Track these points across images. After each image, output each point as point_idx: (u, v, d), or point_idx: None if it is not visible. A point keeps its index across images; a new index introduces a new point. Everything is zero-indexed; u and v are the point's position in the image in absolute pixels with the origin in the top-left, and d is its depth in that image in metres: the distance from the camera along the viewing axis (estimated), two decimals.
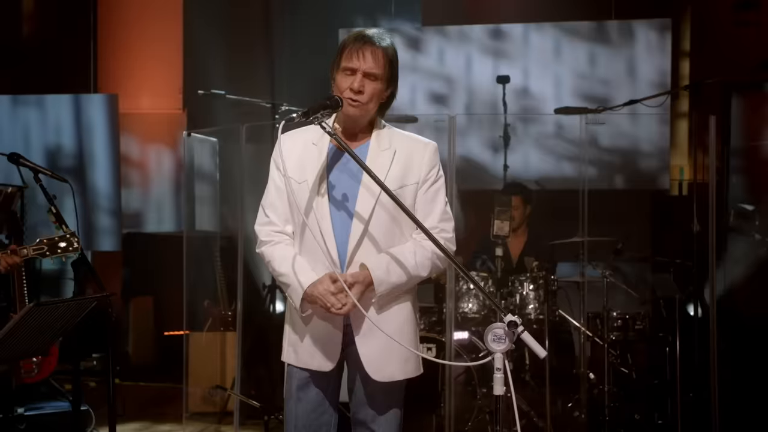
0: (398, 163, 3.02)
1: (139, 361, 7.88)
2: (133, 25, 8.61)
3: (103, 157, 8.12)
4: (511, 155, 7.05)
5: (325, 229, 2.94)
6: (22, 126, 8.27)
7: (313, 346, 3.01)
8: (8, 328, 3.38)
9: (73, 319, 3.72)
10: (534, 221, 6.42)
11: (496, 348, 2.73)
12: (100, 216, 8.18)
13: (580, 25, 7.60)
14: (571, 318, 5.80)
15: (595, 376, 5.83)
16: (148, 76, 8.61)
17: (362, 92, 2.94)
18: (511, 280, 5.68)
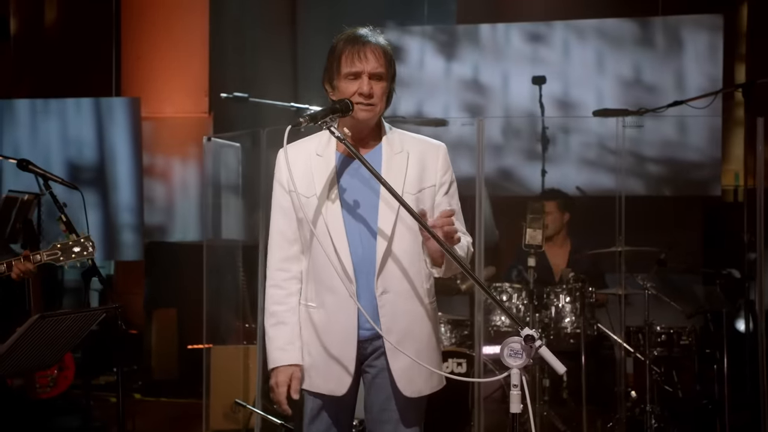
0: (414, 166, 3.03)
1: (161, 376, 7.93)
2: (159, 27, 8.72)
3: (125, 163, 8.24)
4: (550, 160, 7.01)
5: (339, 243, 2.95)
6: (43, 131, 8.42)
7: (327, 369, 3.01)
8: (12, 341, 3.43)
9: (81, 331, 3.77)
10: (577, 230, 6.39)
11: (513, 363, 2.70)
12: (121, 225, 8.29)
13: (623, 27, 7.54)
14: (611, 332, 5.75)
15: (637, 395, 5.77)
16: (173, 80, 8.71)
17: (372, 95, 2.95)
18: (547, 292, 5.64)
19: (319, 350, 3.03)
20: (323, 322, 3.02)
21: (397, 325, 2.96)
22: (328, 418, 3.06)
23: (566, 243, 6.26)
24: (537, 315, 5.47)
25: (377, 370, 3.03)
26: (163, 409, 7.31)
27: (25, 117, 8.45)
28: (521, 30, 7.79)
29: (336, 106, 2.92)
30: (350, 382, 3.00)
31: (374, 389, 3.06)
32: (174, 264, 7.90)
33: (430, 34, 8.03)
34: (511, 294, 5.63)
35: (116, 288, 9.09)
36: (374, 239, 2.97)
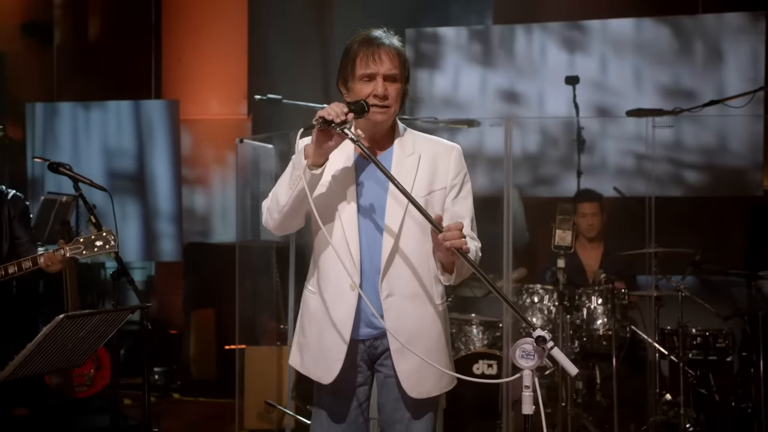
0: (424, 168, 3.04)
1: (199, 376, 8.02)
2: (198, 30, 8.83)
3: (164, 165, 8.36)
4: (585, 162, 6.97)
5: (351, 241, 2.98)
6: (85, 133, 8.58)
7: (317, 355, 3.05)
8: (38, 340, 3.51)
9: (108, 331, 3.83)
10: (613, 231, 6.35)
11: (525, 365, 2.71)
12: (160, 226, 8.41)
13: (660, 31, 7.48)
14: (645, 334, 5.70)
15: (672, 398, 5.72)
16: (213, 82, 8.81)
17: (387, 96, 2.97)
18: (578, 293, 5.62)
19: (312, 335, 3.07)
20: (319, 309, 3.04)
21: (403, 327, 2.97)
22: (347, 406, 3.09)
23: (600, 245, 6.22)
24: (568, 317, 5.45)
25: (387, 370, 3.06)
26: (200, 408, 7.40)
27: (68, 120, 8.62)
28: (557, 36, 7.75)
29: (352, 108, 2.94)
30: (337, 372, 3.01)
31: (385, 389, 3.08)
32: (212, 265, 7.98)
33: (464, 36, 8.03)
34: (543, 295, 5.62)
35: (156, 288, 9.23)
36: (380, 240, 2.99)
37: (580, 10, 7.78)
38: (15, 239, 4.23)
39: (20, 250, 4.18)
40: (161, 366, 8.39)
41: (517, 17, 7.97)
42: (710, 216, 6.90)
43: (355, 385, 3.08)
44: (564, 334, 5.42)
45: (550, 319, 5.57)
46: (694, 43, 7.47)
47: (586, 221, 6.10)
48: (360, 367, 3.07)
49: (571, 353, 5.48)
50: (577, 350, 5.63)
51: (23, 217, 4.29)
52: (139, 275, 9.50)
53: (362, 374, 3.09)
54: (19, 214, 4.27)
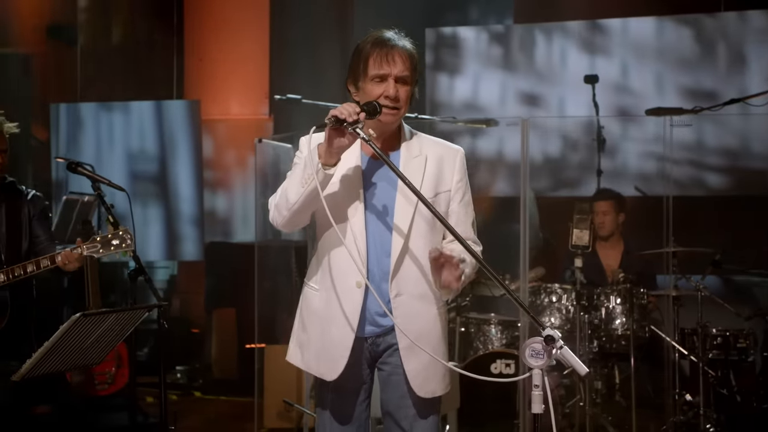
0: (430, 170, 3.06)
1: (221, 375, 8.08)
2: (221, 30, 8.88)
3: (185, 165, 8.42)
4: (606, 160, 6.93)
5: (359, 238, 2.99)
6: (107, 133, 8.66)
7: (320, 352, 3.06)
8: (54, 339, 3.54)
9: (125, 329, 3.86)
10: (633, 231, 6.33)
11: (534, 364, 2.71)
12: (182, 225, 8.47)
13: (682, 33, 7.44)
14: (664, 334, 5.68)
15: (692, 398, 5.68)
16: (235, 82, 8.86)
17: (398, 98, 2.99)
18: (597, 293, 5.60)
19: (315, 332, 3.07)
20: (324, 306, 3.05)
21: (411, 327, 2.98)
22: (351, 403, 3.10)
23: (619, 244, 6.20)
24: (587, 316, 5.43)
25: (392, 367, 3.07)
26: (221, 407, 7.44)
27: (91, 120, 8.69)
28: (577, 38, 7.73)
29: (364, 108, 2.95)
30: (341, 369, 3.02)
31: (390, 387, 3.09)
32: (233, 265, 8.03)
33: (486, 29, 8.02)
34: (561, 295, 5.61)
35: (179, 288, 9.29)
36: (390, 240, 3.01)
37: (600, 9, 7.74)
38: (34, 237, 4.27)
39: (39, 248, 4.22)
40: (183, 365, 8.45)
41: (538, 16, 7.94)
42: (731, 215, 6.84)
43: (357, 382, 3.09)
44: (582, 333, 5.40)
45: (568, 318, 5.56)
46: (717, 44, 7.41)
47: (597, 219, 6.09)
48: (362, 364, 3.09)
49: (590, 353, 5.46)
50: (596, 350, 5.62)
51: (42, 216, 4.33)
52: (162, 274, 9.58)
53: (364, 372, 3.11)
54: (39, 214, 4.31)
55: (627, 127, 7.32)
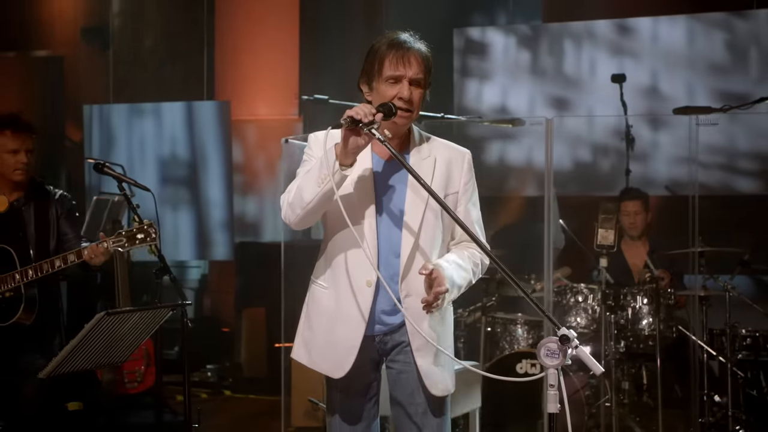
0: (440, 172, 3.08)
1: (250, 374, 8.13)
2: (251, 31, 8.94)
3: (216, 165, 8.49)
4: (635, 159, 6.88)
5: (370, 237, 3.00)
6: (139, 134, 8.76)
7: (327, 349, 3.08)
8: (79, 337, 3.60)
9: (149, 328, 3.91)
10: (662, 230, 6.28)
11: (549, 363, 2.71)
12: (212, 225, 8.54)
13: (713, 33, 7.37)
14: (692, 335, 5.63)
15: (721, 399, 5.63)
16: (265, 83, 8.91)
17: (412, 101, 3.00)
18: (623, 293, 5.57)
19: (322, 329, 3.09)
20: (332, 304, 3.07)
21: (422, 326, 3.00)
22: (359, 402, 3.12)
23: (645, 244, 6.16)
24: (613, 316, 5.40)
25: (401, 365, 3.09)
26: (251, 406, 7.49)
27: (124, 121, 8.79)
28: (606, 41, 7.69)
29: (380, 109, 2.96)
30: (350, 367, 3.03)
31: (399, 385, 3.11)
32: (263, 264, 8.06)
33: (514, 31, 8.01)
34: (587, 295, 5.59)
35: (210, 287, 9.36)
36: (400, 238, 3.03)
37: (629, 8, 7.70)
38: (62, 236, 4.34)
39: (66, 246, 4.29)
40: (213, 363, 8.52)
41: (567, 15, 7.91)
42: (760, 215, 6.77)
43: (365, 381, 3.12)
44: (608, 333, 5.38)
45: (594, 318, 5.54)
46: (749, 47, 7.33)
47: (628, 219, 6.06)
48: (370, 363, 3.11)
49: (616, 353, 5.43)
50: (622, 350, 5.59)
51: (70, 215, 4.40)
52: (194, 274, 9.66)
53: (372, 371, 3.13)
54: (66, 213, 4.38)
55: (656, 127, 7.27)
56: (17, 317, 4.10)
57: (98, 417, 6.10)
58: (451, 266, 3.00)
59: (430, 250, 3.05)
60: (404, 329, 3.05)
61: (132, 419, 6.05)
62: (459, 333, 5.92)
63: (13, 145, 4.23)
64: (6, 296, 4.11)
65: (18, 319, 4.10)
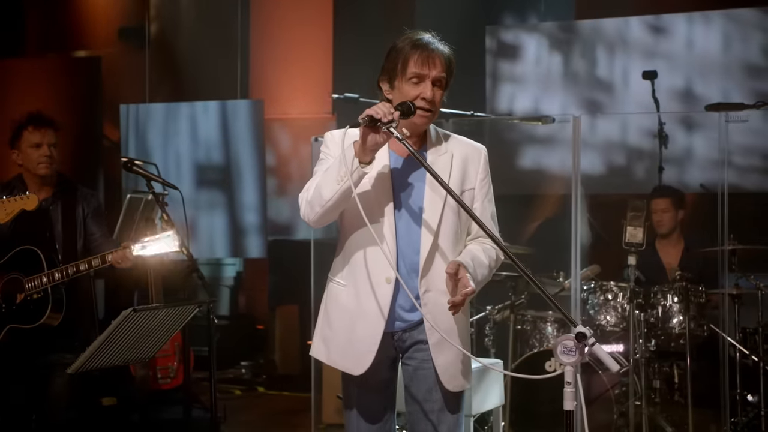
0: (456, 168, 3.10)
1: (284, 370, 8.19)
2: (284, 30, 8.99)
3: (249, 164, 8.55)
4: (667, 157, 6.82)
5: (388, 234, 3.02)
6: (174, 134, 8.85)
7: (347, 347, 3.09)
8: (106, 334, 3.65)
9: (176, 324, 3.96)
10: (696, 228, 6.23)
11: (566, 361, 2.71)
12: (246, 223, 8.60)
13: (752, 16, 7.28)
14: (724, 333, 5.57)
15: (753, 398, 5.57)
16: (298, 81, 8.96)
17: (434, 101, 3.02)
18: (654, 291, 5.53)
19: (342, 327, 3.10)
20: (351, 302, 3.08)
21: (440, 322, 3.01)
22: (377, 397, 3.14)
23: (679, 242, 6.11)
24: (642, 315, 5.36)
25: (419, 362, 3.10)
26: (283, 402, 7.54)
27: (159, 120, 8.88)
28: (642, 22, 7.62)
29: (399, 108, 2.98)
30: (369, 364, 3.05)
31: (416, 381, 3.12)
32: (295, 262, 8.11)
33: (547, 30, 7.97)
34: (617, 293, 5.55)
35: (245, 285, 9.44)
36: (419, 236, 3.04)
37: (664, 5, 7.63)
38: (89, 235, 4.40)
39: (93, 246, 4.35)
40: (248, 360, 8.59)
41: (600, 12, 7.85)
42: None
43: (382, 377, 3.13)
44: (638, 332, 5.34)
45: (624, 317, 5.50)
46: None
47: (656, 217, 6.02)
48: (387, 360, 3.13)
49: (646, 351, 5.40)
50: (653, 349, 5.55)
51: (96, 214, 4.46)
52: (230, 271, 9.76)
53: (389, 367, 3.15)
54: (93, 212, 4.44)
55: (690, 126, 7.21)
56: (45, 318, 4.15)
57: (131, 412, 6.18)
58: (474, 264, 3.01)
59: (450, 246, 3.06)
60: (422, 326, 3.07)
61: (164, 415, 6.11)
62: (488, 331, 5.92)
63: (36, 139, 4.31)
64: (34, 297, 4.17)
65: (46, 320, 4.16)
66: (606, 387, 5.64)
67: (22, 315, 4.18)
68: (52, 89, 8.88)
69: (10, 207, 4.01)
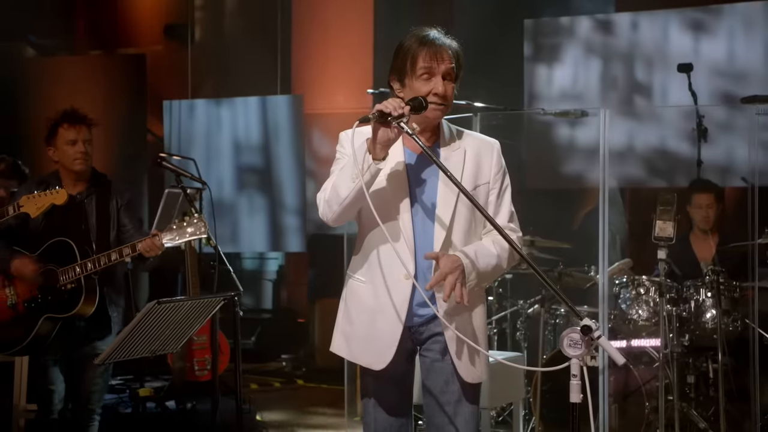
0: (470, 163, 3.11)
1: (323, 363, 8.26)
2: (325, 25, 9.07)
3: (288, 158, 8.63)
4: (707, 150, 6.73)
5: (406, 230, 3.05)
6: (216, 129, 8.98)
7: (368, 343, 3.12)
8: (132, 325, 3.74)
9: (201, 317, 4.04)
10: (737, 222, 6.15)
11: (572, 353, 2.72)
12: (287, 218, 8.70)
13: None
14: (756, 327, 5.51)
15: None
16: (339, 76, 9.03)
17: (446, 96, 3.05)
18: (687, 285, 5.49)
19: (362, 323, 3.13)
20: (371, 298, 3.11)
21: (455, 316, 3.05)
22: (393, 389, 3.18)
23: (715, 236, 6.04)
24: (674, 309, 5.33)
25: (435, 354, 3.12)
26: (322, 395, 7.62)
27: (202, 116, 9.02)
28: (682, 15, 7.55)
29: (410, 103, 3.01)
30: (390, 359, 3.08)
31: (433, 373, 3.15)
32: (335, 256, 8.17)
33: (586, 23, 7.92)
34: (649, 288, 5.51)
35: (286, 279, 9.54)
36: (433, 232, 3.06)
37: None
38: (121, 227, 4.49)
39: (125, 237, 4.43)
40: (288, 353, 8.69)
41: (641, 4, 7.79)
42: None
43: (400, 369, 3.15)
44: (671, 326, 5.31)
45: (656, 311, 5.46)
46: None
47: (701, 213, 5.94)
48: (405, 353, 3.15)
49: (678, 346, 5.36)
50: (687, 344, 5.51)
51: (129, 206, 4.54)
52: (272, 265, 9.88)
53: (407, 360, 3.18)
54: (125, 204, 4.52)
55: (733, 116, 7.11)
56: (78, 308, 4.25)
57: (168, 402, 6.31)
58: (477, 253, 3.03)
59: (463, 240, 3.08)
60: (439, 319, 3.10)
61: (200, 406, 6.22)
62: (519, 325, 5.92)
63: (70, 136, 4.40)
64: (68, 288, 4.27)
65: (80, 309, 4.26)
66: (639, 383, 5.62)
67: (57, 305, 4.28)
68: (99, 86, 9.05)
69: (40, 202, 4.13)
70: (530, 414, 5.66)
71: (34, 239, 4.39)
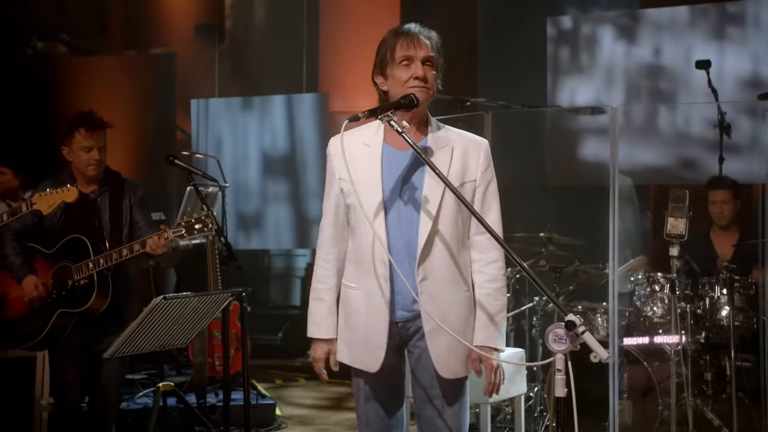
0: (457, 160, 3.16)
1: None
2: (350, 24, 9.12)
3: (314, 156, 8.71)
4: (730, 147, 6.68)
5: (378, 229, 3.10)
6: (242, 128, 9.08)
7: (363, 346, 3.19)
8: (139, 320, 3.83)
9: (209, 313, 4.11)
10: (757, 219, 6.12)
11: (557, 348, 2.76)
12: (312, 215, 8.77)
13: None
14: None
15: None
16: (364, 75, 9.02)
17: (427, 79, 3.10)
18: (702, 282, 5.47)
19: (357, 328, 3.20)
20: (360, 302, 3.18)
21: (436, 310, 3.09)
22: (384, 386, 3.23)
23: (735, 233, 6.02)
24: (688, 306, 5.32)
25: (421, 350, 3.18)
26: (344, 390, 7.66)
27: (228, 115, 9.13)
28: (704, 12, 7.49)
29: (401, 101, 3.07)
30: (382, 359, 3.14)
31: (419, 369, 3.20)
32: None
33: (610, 19, 7.89)
34: (664, 285, 5.50)
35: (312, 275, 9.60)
36: (417, 228, 3.11)
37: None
38: (134, 224, 4.57)
39: (138, 234, 4.50)
40: None
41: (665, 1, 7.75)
42: None
43: (390, 365, 3.20)
44: (684, 323, 5.30)
45: (671, 308, 5.45)
46: None
47: (716, 209, 5.95)
48: (394, 348, 3.21)
49: (693, 343, 5.35)
50: (703, 341, 5.50)
51: (142, 204, 4.62)
52: (300, 262, 9.97)
53: (397, 355, 3.23)
54: (138, 201, 4.60)
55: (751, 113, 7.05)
56: (91, 303, 4.34)
57: (188, 397, 6.39)
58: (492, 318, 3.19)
59: (449, 232, 3.13)
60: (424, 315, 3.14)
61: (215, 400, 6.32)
62: (535, 321, 5.93)
63: (87, 143, 4.46)
64: (81, 283, 4.36)
65: (92, 304, 4.34)
66: (653, 380, 5.61)
67: (71, 300, 4.38)
68: (131, 85, 9.18)
69: (52, 199, 4.22)
70: (545, 410, 5.68)
71: (51, 237, 4.49)
